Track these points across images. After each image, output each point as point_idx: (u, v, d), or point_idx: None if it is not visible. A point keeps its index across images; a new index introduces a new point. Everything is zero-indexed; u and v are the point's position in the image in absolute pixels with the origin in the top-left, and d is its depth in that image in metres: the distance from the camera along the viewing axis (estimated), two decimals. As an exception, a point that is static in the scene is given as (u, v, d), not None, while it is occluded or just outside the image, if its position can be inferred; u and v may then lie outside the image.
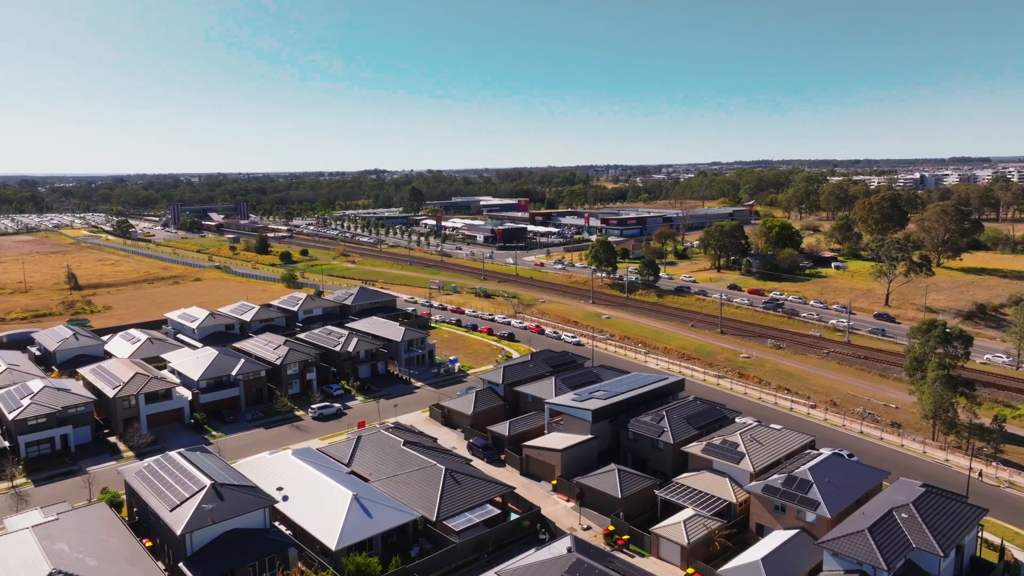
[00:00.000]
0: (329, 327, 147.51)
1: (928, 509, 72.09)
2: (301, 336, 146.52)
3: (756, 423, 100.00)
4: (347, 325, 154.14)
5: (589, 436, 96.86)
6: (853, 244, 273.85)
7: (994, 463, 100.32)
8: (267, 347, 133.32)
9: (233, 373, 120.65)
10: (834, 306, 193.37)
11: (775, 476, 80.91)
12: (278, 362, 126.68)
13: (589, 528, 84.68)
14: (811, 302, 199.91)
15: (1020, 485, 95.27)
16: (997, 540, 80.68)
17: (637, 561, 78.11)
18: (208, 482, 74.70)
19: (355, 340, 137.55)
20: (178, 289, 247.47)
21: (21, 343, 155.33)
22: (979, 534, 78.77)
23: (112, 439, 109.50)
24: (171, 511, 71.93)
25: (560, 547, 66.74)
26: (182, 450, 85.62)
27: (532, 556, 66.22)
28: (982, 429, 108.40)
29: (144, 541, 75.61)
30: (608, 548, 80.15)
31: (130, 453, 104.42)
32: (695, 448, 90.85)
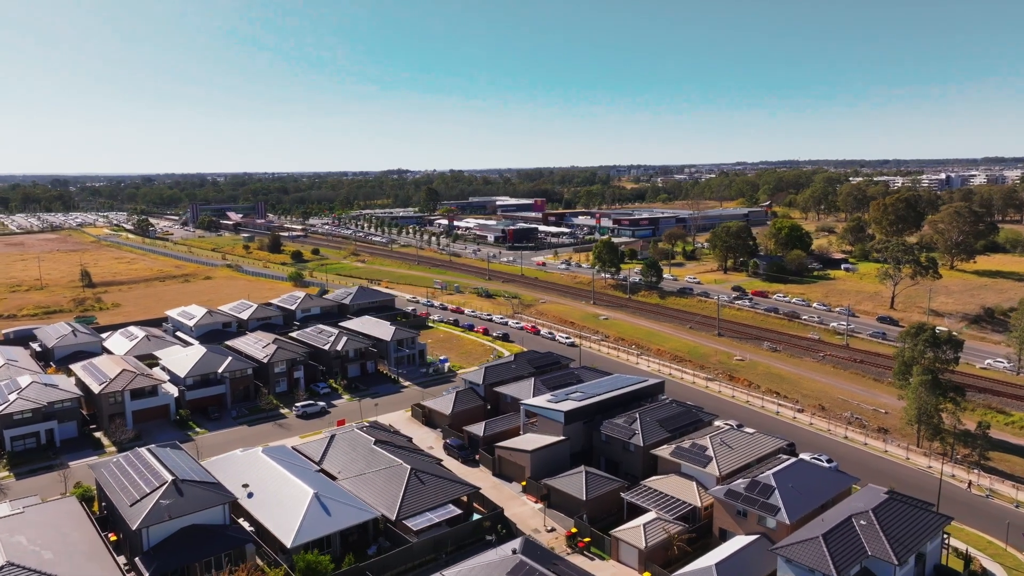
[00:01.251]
0: (320, 326, 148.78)
1: (888, 516, 70.86)
2: (293, 335, 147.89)
3: (730, 427, 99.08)
4: (340, 324, 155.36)
5: (561, 438, 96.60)
6: (865, 246, 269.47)
7: (976, 470, 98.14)
8: (256, 345, 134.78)
9: (219, 371, 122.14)
10: (837, 309, 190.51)
11: (739, 481, 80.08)
12: (265, 360, 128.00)
13: (553, 530, 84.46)
14: (814, 304, 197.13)
15: (1002, 494, 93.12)
16: (966, 549, 79.11)
17: (596, 564, 77.92)
18: (169, 478, 75.82)
19: (344, 339, 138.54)
20: (188, 287, 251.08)
21: (25, 339, 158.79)
22: (946, 542, 77.36)
23: (98, 434, 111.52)
24: (131, 506, 73.14)
25: (509, 549, 66.74)
26: (152, 446, 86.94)
27: (478, 558, 66.41)
28: (966, 435, 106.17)
29: (109, 535, 77.07)
30: (569, 550, 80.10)
31: (113, 448, 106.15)
32: (664, 451, 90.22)
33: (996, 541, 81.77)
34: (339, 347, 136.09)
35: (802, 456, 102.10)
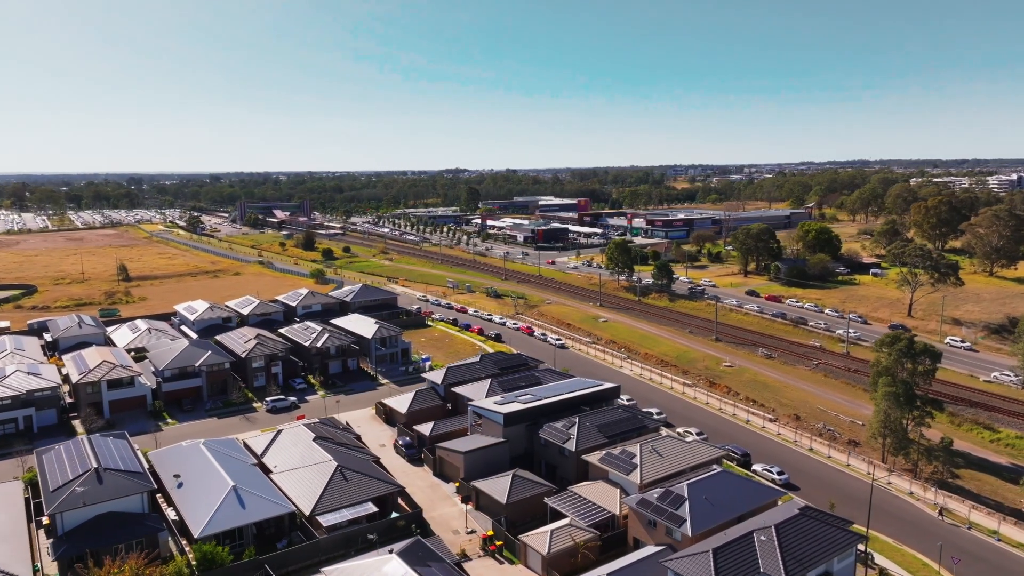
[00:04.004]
0: (308, 323, 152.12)
1: (790, 533, 68.14)
2: (282, 331, 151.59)
3: (667, 434, 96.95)
4: (330, 322, 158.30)
5: (500, 440, 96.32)
6: (896, 250, 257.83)
7: (934, 488, 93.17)
8: (239, 340, 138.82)
9: (196, 364, 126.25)
10: (849, 315, 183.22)
11: (654, 490, 78.44)
12: (244, 355, 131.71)
13: (473, 532, 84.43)
14: (826, 311, 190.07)
15: (957, 514, 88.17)
16: (897, 569, 75.57)
17: (505, 568, 77.72)
18: (93, 466, 79.11)
19: (326, 336, 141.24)
20: (215, 282, 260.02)
21: (42, 331, 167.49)
22: (866, 561, 74.06)
23: (76, 422, 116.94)
24: (52, 491, 76.62)
25: (387, 550, 67.40)
26: (96, 435, 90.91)
27: (357, 558, 67.35)
28: (931, 450, 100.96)
29: (44, 520, 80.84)
30: (480, 553, 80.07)
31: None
32: (594, 457, 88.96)
33: (931, 563, 77.60)
34: (319, 344, 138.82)
35: (755, 467, 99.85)
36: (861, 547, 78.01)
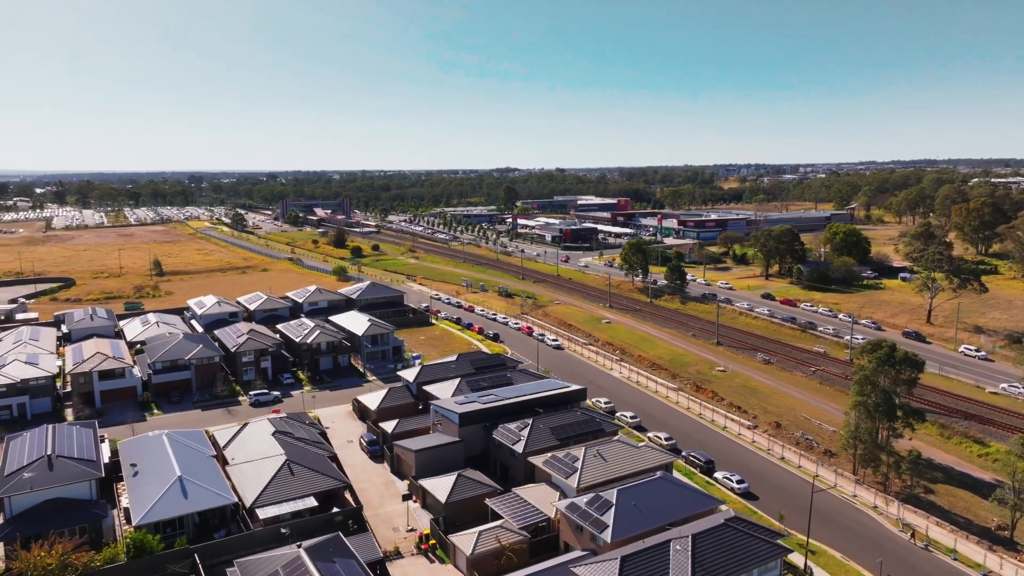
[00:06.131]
0: (303, 319, 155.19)
1: (709, 543, 66.53)
2: (279, 327, 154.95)
3: (619, 439, 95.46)
4: (328, 319, 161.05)
5: (454, 439, 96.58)
6: (918, 253, 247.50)
7: (897, 502, 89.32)
8: (233, 335, 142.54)
9: (186, 357, 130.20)
10: (862, 321, 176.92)
11: (585, 495, 77.52)
12: (234, 349, 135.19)
13: (413, 530, 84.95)
14: (841, 316, 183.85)
15: (917, 529, 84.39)
16: (833, 587, 72.95)
17: (435, 567, 78.12)
18: (47, 452, 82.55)
19: (316, 332, 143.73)
20: (242, 278, 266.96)
21: (60, 323, 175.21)
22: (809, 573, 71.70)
23: (69, 410, 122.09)
24: (5, 476, 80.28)
25: (295, 545, 68.63)
26: (65, 423, 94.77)
27: (268, 552, 68.53)
28: (898, 463, 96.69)
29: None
30: (414, 551, 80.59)
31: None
32: (539, 460, 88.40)
33: (874, 581, 74.63)
34: (309, 340, 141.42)
35: (716, 474, 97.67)
36: (800, 562, 75.82)
